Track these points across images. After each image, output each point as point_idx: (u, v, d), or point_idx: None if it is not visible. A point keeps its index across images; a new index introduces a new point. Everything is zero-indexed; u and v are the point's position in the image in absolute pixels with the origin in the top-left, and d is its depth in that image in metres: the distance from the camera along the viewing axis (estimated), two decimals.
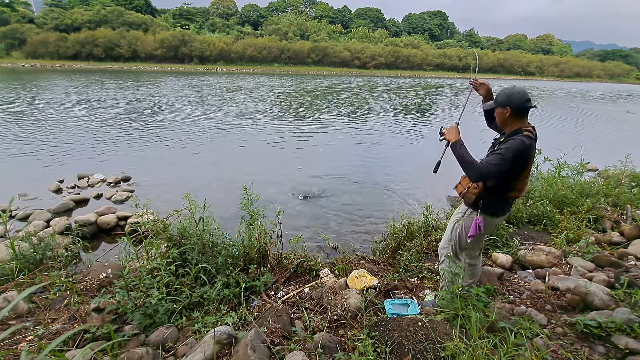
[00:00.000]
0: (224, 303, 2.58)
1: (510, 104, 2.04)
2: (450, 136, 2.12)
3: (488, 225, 2.26)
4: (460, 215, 2.33)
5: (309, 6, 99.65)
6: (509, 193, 2.14)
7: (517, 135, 2.03)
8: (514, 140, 1.98)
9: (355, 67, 72.64)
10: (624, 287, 2.50)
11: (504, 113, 2.09)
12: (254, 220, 3.15)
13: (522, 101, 2.03)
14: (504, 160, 1.94)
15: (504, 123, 2.14)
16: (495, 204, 2.18)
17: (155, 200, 5.50)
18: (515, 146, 1.95)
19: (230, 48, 66.69)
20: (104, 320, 2.24)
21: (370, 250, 4.31)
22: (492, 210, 2.19)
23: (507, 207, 2.25)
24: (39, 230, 4.54)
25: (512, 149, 1.95)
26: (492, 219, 2.24)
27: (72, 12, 65.59)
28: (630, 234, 3.73)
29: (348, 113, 17.00)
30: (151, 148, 9.32)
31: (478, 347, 1.77)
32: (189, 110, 15.94)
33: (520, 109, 2.05)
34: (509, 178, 2.04)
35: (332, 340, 2.09)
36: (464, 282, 2.36)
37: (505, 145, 1.98)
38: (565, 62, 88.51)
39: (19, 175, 7.01)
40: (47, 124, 11.67)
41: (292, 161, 8.66)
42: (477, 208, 2.18)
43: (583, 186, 5.02)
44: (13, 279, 2.77)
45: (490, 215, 2.21)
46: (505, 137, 2.11)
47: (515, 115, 2.07)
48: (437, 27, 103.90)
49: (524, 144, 1.96)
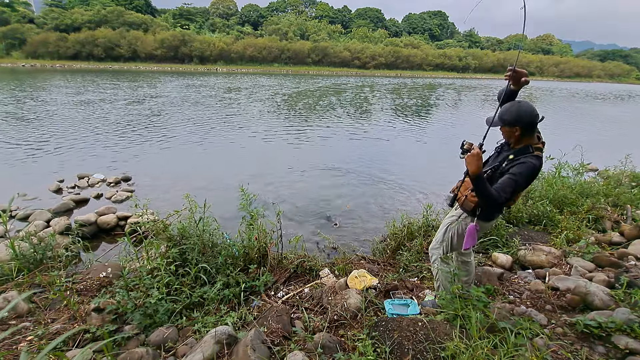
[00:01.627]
0: (224, 303, 2.58)
1: (519, 122, 1.96)
2: (472, 167, 1.87)
3: (482, 228, 2.27)
4: (455, 218, 2.31)
5: (309, 6, 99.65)
6: (508, 202, 2.11)
7: (527, 154, 1.97)
8: (525, 164, 1.93)
9: (355, 67, 72.62)
10: (624, 287, 2.50)
11: (513, 132, 2.00)
12: (254, 220, 3.15)
13: (531, 118, 1.94)
14: (517, 185, 1.92)
15: (513, 139, 2.06)
16: (492, 212, 2.19)
17: (155, 200, 5.50)
18: (528, 172, 1.92)
19: (230, 48, 66.69)
20: (104, 320, 2.24)
21: (370, 250, 4.31)
22: (488, 217, 2.20)
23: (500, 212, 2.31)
24: (39, 230, 4.54)
25: (524, 174, 1.92)
26: (486, 224, 2.26)
27: (72, 12, 65.57)
28: (630, 234, 3.73)
29: (348, 113, 17.00)
30: (151, 148, 9.32)
31: (478, 348, 1.77)
32: (189, 110, 15.94)
33: (529, 125, 1.96)
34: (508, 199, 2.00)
35: (332, 340, 2.09)
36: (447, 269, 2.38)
37: (519, 170, 1.92)
38: (565, 62, 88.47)
39: (19, 175, 7.01)
40: (48, 124, 11.67)
41: (293, 161, 8.66)
42: (474, 215, 2.16)
43: (583, 186, 5.02)
44: (13, 279, 2.77)
45: (485, 221, 2.21)
46: (514, 154, 2.02)
47: (525, 133, 1.99)
48: (437, 27, 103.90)
49: (534, 167, 1.94)
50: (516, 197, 2.13)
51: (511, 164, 1.99)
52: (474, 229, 2.09)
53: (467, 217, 2.22)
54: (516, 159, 1.98)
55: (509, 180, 1.92)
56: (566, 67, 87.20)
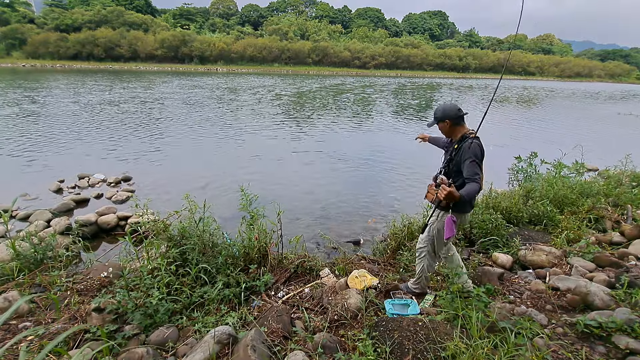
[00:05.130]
0: (224, 303, 2.58)
1: (447, 116, 2.42)
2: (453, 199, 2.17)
3: (459, 220, 2.52)
4: (435, 218, 2.56)
5: (309, 6, 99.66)
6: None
7: (467, 139, 2.34)
8: (471, 145, 2.30)
9: (355, 67, 72.61)
10: (624, 287, 2.50)
11: (445, 125, 2.47)
12: (254, 220, 3.15)
13: (456, 111, 2.41)
14: (479, 163, 2.29)
15: (449, 132, 2.52)
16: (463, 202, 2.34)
17: (155, 201, 5.50)
18: (476, 149, 2.30)
19: (231, 48, 66.69)
20: (104, 320, 2.24)
21: (370, 250, 4.31)
22: (461, 208, 2.44)
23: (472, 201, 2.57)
24: (39, 230, 4.53)
25: (476, 152, 2.29)
26: (462, 215, 2.53)
27: (72, 12, 65.61)
28: (631, 234, 3.73)
29: (350, 113, 17.00)
30: (152, 148, 9.32)
31: (478, 347, 1.77)
32: (189, 110, 15.95)
33: (456, 118, 2.42)
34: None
35: (332, 340, 2.09)
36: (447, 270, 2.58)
37: (471, 152, 2.28)
38: (566, 62, 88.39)
39: (19, 175, 7.02)
40: (48, 124, 11.68)
41: (293, 160, 8.66)
42: (449, 208, 2.40)
43: (583, 186, 5.02)
44: (13, 279, 2.77)
45: (459, 212, 2.47)
46: (457, 143, 2.43)
47: (454, 124, 2.45)
48: (438, 27, 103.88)
49: (479, 144, 2.33)
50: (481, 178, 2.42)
51: (459, 151, 2.37)
52: (450, 220, 2.34)
53: (444, 214, 2.47)
54: (460, 146, 2.38)
55: (470, 163, 2.27)
56: (566, 67, 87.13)
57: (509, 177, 6.18)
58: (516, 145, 10.53)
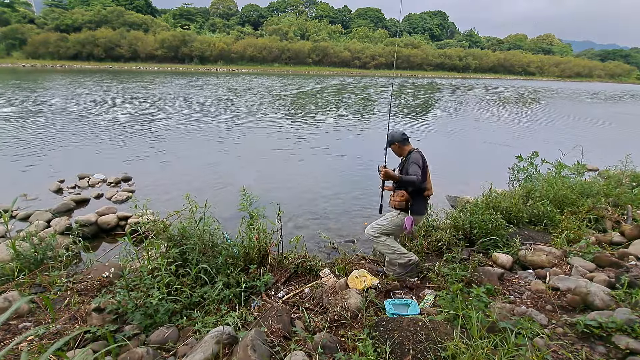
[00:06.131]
0: (224, 303, 2.58)
1: (394, 140, 3.11)
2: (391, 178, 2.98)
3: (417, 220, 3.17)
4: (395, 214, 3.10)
5: (309, 6, 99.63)
6: (425, 192, 3.07)
7: (411, 153, 3.05)
8: (414, 155, 3.00)
9: (355, 67, 72.58)
10: (624, 287, 2.50)
11: (395, 147, 3.14)
12: (254, 221, 3.15)
13: (400, 135, 3.10)
14: (417, 164, 2.92)
15: (399, 152, 3.17)
16: (419, 204, 3.07)
17: (155, 201, 5.50)
18: (417, 156, 2.99)
19: (231, 48, 66.67)
20: (104, 320, 2.24)
21: (370, 250, 4.31)
22: (417, 210, 3.06)
23: (426, 206, 3.24)
24: (39, 230, 4.53)
25: (416, 157, 2.98)
26: (418, 217, 3.13)
27: (72, 12, 65.61)
28: (631, 234, 3.73)
29: (349, 113, 16.99)
30: (152, 148, 9.32)
31: (479, 347, 1.77)
32: (189, 110, 15.95)
33: (401, 140, 3.10)
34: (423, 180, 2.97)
35: (332, 340, 2.09)
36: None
37: (411, 160, 2.97)
38: (566, 62, 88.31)
39: (19, 175, 7.02)
40: (48, 124, 11.68)
41: (293, 161, 8.66)
42: (408, 210, 3.02)
43: (583, 186, 5.02)
44: (14, 279, 2.77)
45: (417, 214, 3.07)
46: (405, 157, 3.10)
47: (402, 145, 3.12)
48: (438, 27, 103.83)
49: (419, 154, 3.03)
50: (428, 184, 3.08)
51: (407, 162, 3.04)
52: (411, 220, 2.94)
53: (402, 214, 3.04)
54: (407, 158, 3.07)
55: (411, 164, 2.94)
56: (567, 67, 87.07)
57: (509, 177, 6.19)
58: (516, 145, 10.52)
